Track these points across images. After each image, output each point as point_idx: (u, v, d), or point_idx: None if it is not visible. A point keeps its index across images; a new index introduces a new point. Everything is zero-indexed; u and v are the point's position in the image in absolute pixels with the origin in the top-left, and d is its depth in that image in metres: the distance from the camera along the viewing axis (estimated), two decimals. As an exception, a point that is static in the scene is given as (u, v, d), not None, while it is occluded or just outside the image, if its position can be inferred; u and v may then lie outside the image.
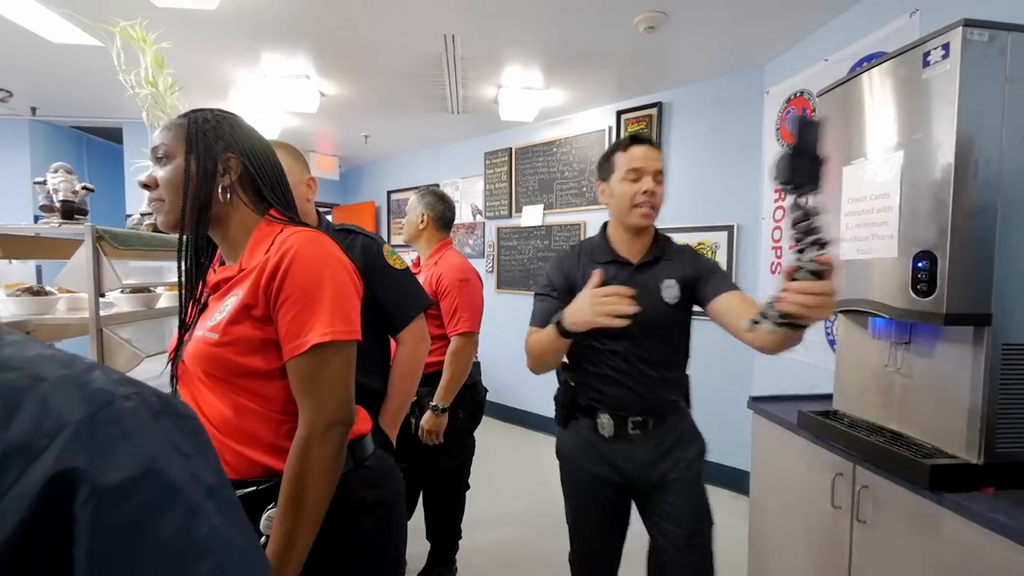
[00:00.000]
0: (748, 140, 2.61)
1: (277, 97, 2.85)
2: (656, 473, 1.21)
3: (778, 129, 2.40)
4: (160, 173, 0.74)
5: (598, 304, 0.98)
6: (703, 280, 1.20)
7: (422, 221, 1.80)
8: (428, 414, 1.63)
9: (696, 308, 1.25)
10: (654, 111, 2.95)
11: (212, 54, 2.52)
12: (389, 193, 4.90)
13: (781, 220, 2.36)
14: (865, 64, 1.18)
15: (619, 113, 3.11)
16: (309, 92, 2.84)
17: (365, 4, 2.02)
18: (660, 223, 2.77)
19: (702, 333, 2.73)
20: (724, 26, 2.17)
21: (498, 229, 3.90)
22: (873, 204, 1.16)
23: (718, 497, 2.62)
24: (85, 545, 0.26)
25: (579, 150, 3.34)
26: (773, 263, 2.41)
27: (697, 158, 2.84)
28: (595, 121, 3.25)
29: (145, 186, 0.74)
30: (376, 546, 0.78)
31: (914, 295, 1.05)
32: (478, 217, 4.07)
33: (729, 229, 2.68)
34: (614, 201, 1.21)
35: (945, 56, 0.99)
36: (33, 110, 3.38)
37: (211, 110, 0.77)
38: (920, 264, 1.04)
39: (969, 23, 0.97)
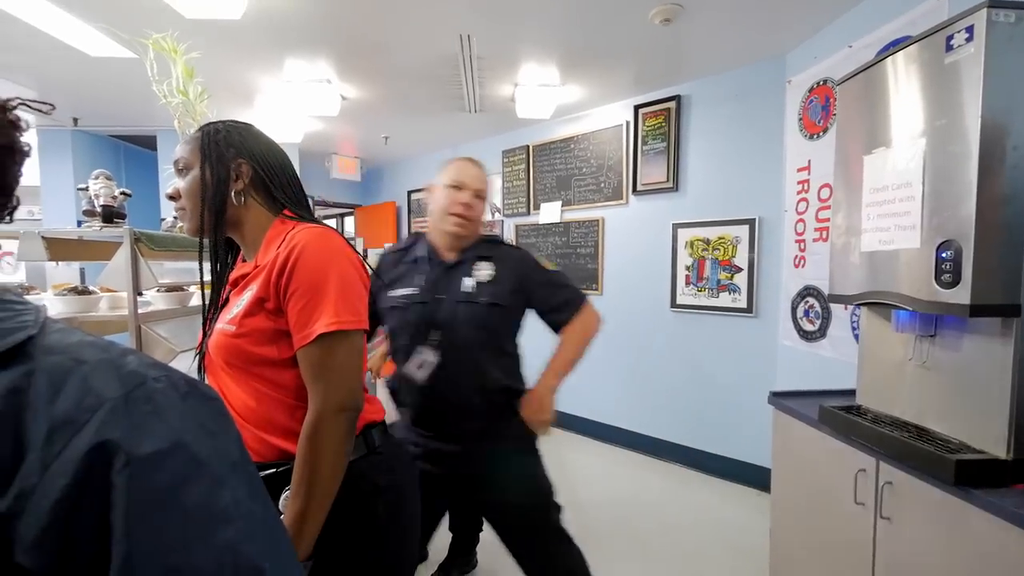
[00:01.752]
0: (770, 131, 2.55)
1: (300, 102, 2.94)
2: None
3: (800, 120, 2.34)
4: (181, 184, 0.80)
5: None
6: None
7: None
8: None
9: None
10: (672, 104, 2.92)
11: (238, 62, 2.61)
12: (409, 193, 4.98)
13: (804, 212, 2.30)
14: (891, 49, 1.15)
15: (637, 108, 3.08)
16: (331, 96, 2.92)
17: (382, 8, 2.07)
18: (680, 217, 2.76)
19: (725, 329, 2.71)
20: (742, 14, 2.13)
21: (516, 227, 3.92)
22: (895, 194, 1.13)
23: (740, 494, 2.59)
24: (121, 507, 0.29)
25: (597, 146, 3.33)
26: (796, 256, 2.36)
27: (716, 151, 2.79)
28: (613, 116, 3.23)
29: (171, 197, 0.81)
30: (388, 528, 0.81)
31: (938, 286, 1.02)
32: (496, 215, 4.10)
33: (751, 223, 2.63)
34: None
35: (969, 39, 0.96)
36: (75, 120, 3.57)
37: (223, 122, 0.83)
38: (944, 254, 1.01)
39: (994, 3, 0.93)
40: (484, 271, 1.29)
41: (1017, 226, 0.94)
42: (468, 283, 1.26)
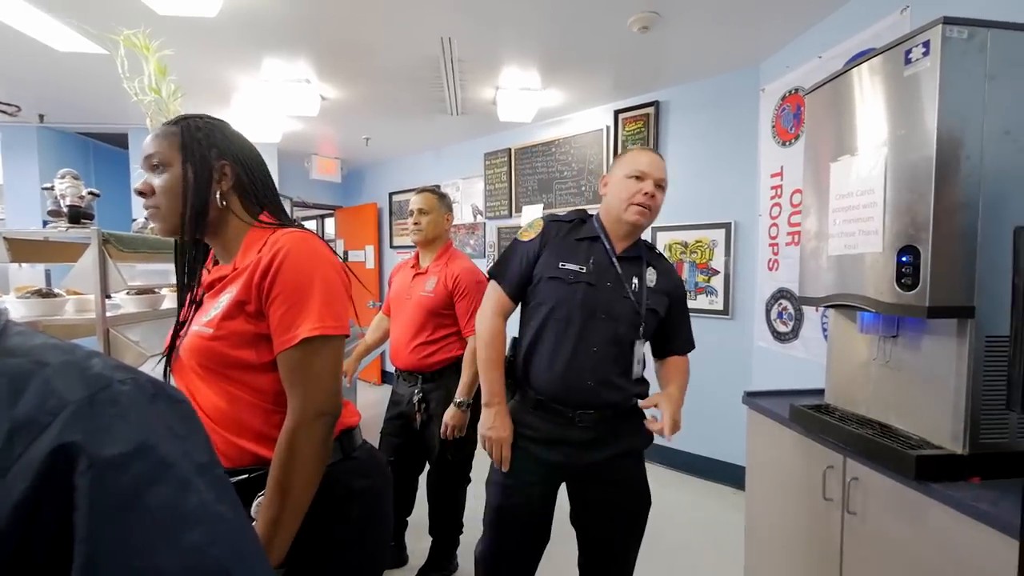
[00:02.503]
0: (744, 137, 2.62)
1: (279, 101, 2.89)
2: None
3: (774, 127, 2.41)
4: (156, 181, 0.77)
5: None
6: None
7: (446, 222, 1.85)
8: (452, 409, 1.68)
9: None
10: (651, 110, 2.97)
11: (214, 60, 2.57)
12: (391, 195, 4.94)
13: (777, 217, 2.37)
14: (856, 61, 1.20)
15: (617, 112, 3.13)
16: (310, 96, 2.88)
17: (363, 8, 2.06)
18: (658, 220, 2.79)
19: (702, 331, 2.76)
20: (718, 25, 2.18)
21: (499, 229, 3.93)
22: (859, 200, 1.18)
23: (717, 492, 2.65)
24: (84, 510, 0.29)
25: (577, 149, 3.37)
26: (770, 259, 2.43)
27: (694, 156, 2.85)
28: (593, 121, 3.28)
29: (141, 193, 0.78)
30: (362, 532, 0.81)
31: (899, 289, 1.07)
32: (479, 217, 4.10)
33: (727, 226, 2.70)
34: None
35: (925, 54, 1.01)
36: (41, 117, 3.45)
37: (200, 117, 0.80)
38: (904, 258, 1.05)
39: (948, 20, 0.98)
40: (651, 276, 1.28)
41: (971, 233, 0.99)
42: (636, 283, 1.25)
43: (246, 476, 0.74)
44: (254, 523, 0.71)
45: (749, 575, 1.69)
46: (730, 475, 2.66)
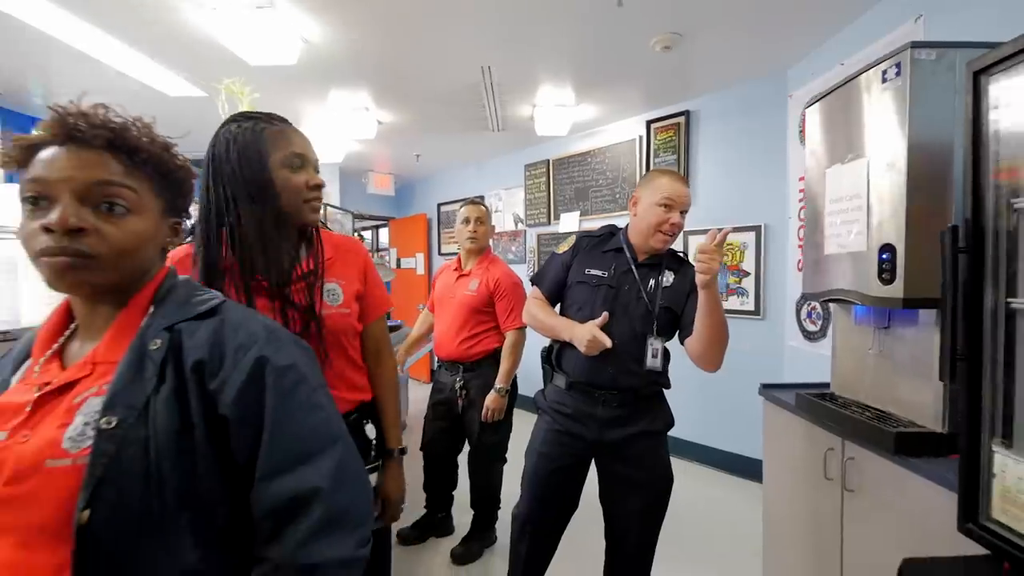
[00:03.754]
0: (773, 143, 2.69)
1: (342, 127, 3.29)
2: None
3: (800, 131, 2.49)
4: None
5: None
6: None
7: (492, 231, 2.15)
8: (493, 395, 1.94)
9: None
10: (682, 119, 3.10)
11: (290, 96, 2.98)
12: (439, 205, 5.30)
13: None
14: (843, 78, 1.31)
15: (648, 123, 3.27)
16: (369, 121, 3.26)
17: (413, 46, 2.37)
18: (690, 225, 2.96)
19: (733, 331, 2.84)
20: (743, 37, 2.30)
21: (538, 236, 4.16)
22: (849, 204, 1.30)
23: (746, 487, 2.71)
24: (271, 393, 0.55)
25: (612, 159, 3.54)
26: (800, 261, 2.49)
27: (724, 161, 2.95)
28: (626, 131, 3.44)
29: (320, 187, 1.10)
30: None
31: (880, 283, 1.19)
32: (520, 225, 4.35)
33: (757, 229, 2.77)
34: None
35: (898, 74, 1.14)
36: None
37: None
38: (884, 256, 1.17)
39: (916, 44, 1.11)
40: (668, 278, 1.43)
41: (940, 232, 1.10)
42: (652, 285, 1.40)
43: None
44: (373, 442, 1.05)
45: (766, 557, 1.79)
46: (760, 471, 2.71)
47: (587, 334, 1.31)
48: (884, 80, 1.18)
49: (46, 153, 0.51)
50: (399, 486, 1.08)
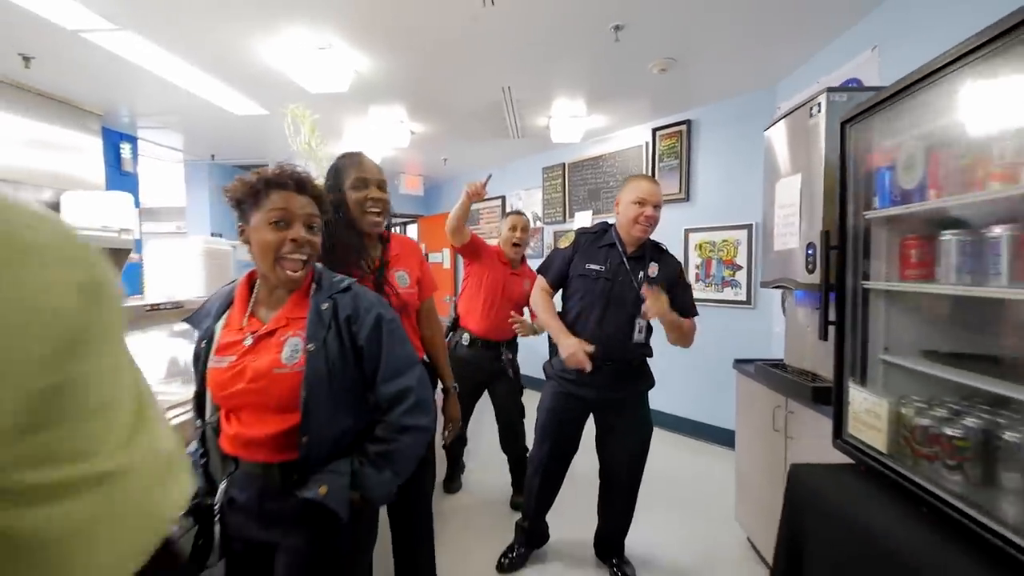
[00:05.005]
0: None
1: (380, 138, 3.74)
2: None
3: (785, 140, 2.78)
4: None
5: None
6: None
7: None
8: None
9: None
10: (684, 127, 3.42)
11: (339, 114, 3.44)
12: (464, 204, 5.72)
13: (788, 219, 2.74)
14: (800, 104, 1.63)
15: (654, 130, 3.60)
16: (403, 132, 3.69)
17: (443, 71, 2.77)
18: (691, 223, 3.30)
19: (727, 319, 3.16)
20: (733, 57, 2.61)
21: (554, 233, 4.53)
22: (789, 210, 1.65)
23: (719, 453, 3.03)
24: (385, 335, 0.97)
25: (621, 162, 3.88)
26: (783, 256, 2.79)
27: (721, 165, 3.26)
28: (634, 137, 3.77)
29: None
30: None
31: (806, 272, 1.53)
32: (538, 223, 4.73)
33: (749, 227, 3.08)
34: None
35: (818, 111, 1.48)
36: (212, 156, 4.63)
37: None
38: (808, 251, 1.52)
39: (831, 90, 1.45)
40: (653, 268, 1.73)
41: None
42: (641, 275, 1.70)
43: None
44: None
45: (738, 500, 2.15)
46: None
47: (572, 349, 1.60)
48: (811, 115, 1.52)
49: (284, 193, 0.91)
50: (457, 410, 1.52)
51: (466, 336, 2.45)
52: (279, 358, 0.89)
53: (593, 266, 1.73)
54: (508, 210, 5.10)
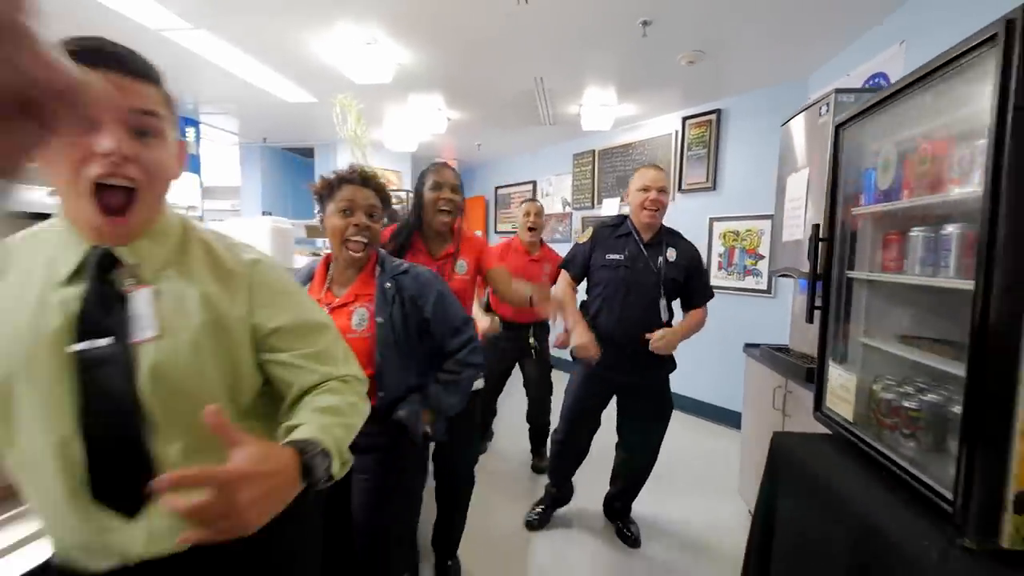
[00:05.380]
0: (792, 141, 3.02)
1: (418, 124, 3.95)
2: None
3: (813, 132, 2.81)
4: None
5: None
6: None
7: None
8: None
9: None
10: (713, 116, 3.45)
11: (380, 101, 3.66)
12: (496, 188, 5.90)
13: (811, 210, 2.78)
14: (829, 95, 1.71)
15: (684, 119, 3.65)
16: (440, 119, 3.88)
17: (479, 62, 2.93)
18: (716, 212, 3.39)
19: (748, 306, 3.24)
20: (763, 49, 2.65)
21: (582, 219, 4.65)
22: (797, 203, 1.75)
23: (734, 436, 3.15)
24: (445, 304, 1.19)
25: (650, 150, 3.95)
26: (805, 247, 2.85)
27: (750, 156, 3.30)
28: (664, 126, 3.83)
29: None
30: None
31: (808, 262, 1.64)
32: (567, 208, 4.86)
33: (771, 218, 3.12)
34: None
35: (827, 111, 1.57)
36: (264, 139, 4.97)
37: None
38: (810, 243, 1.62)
39: (839, 91, 1.54)
40: (671, 253, 1.82)
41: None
42: (660, 261, 1.79)
43: None
44: None
45: (741, 475, 2.29)
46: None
47: (583, 340, 1.75)
48: (820, 114, 1.61)
49: (351, 187, 1.13)
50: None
51: (496, 319, 2.65)
52: (349, 324, 1.11)
53: (612, 256, 1.83)
54: (538, 195, 5.25)
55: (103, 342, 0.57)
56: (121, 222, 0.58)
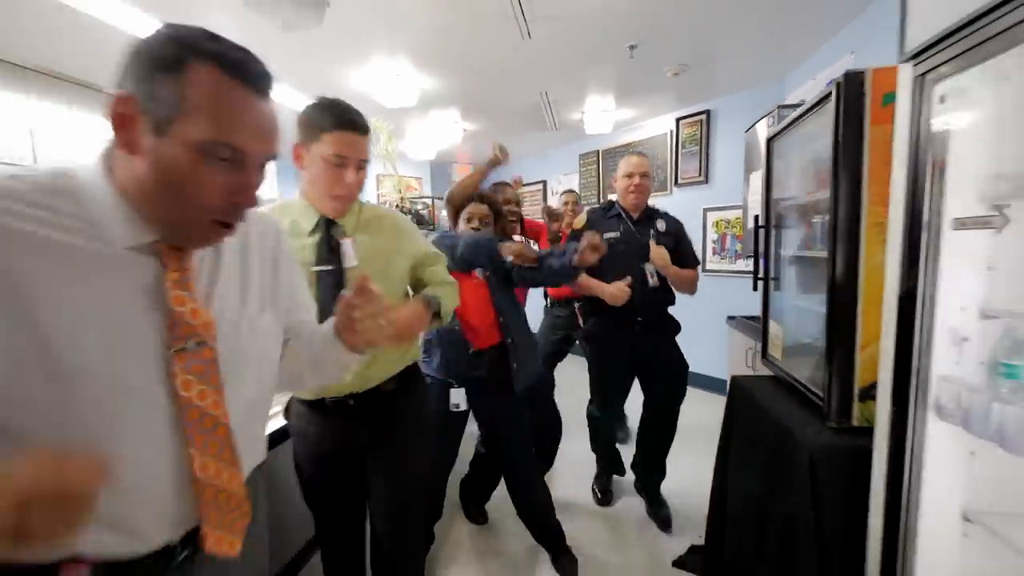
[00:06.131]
0: (772, 137, 3.38)
1: (437, 134, 4.40)
2: None
3: (788, 130, 3.17)
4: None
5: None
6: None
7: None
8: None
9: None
10: (703, 117, 3.83)
11: (405, 119, 4.13)
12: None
13: (788, 199, 3.15)
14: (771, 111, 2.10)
15: (677, 120, 4.02)
16: (456, 130, 4.33)
17: (491, 82, 3.36)
18: (709, 203, 3.76)
19: (738, 288, 3.61)
20: (740, 57, 3.01)
21: (588, 212, 5.05)
22: (756, 198, 2.14)
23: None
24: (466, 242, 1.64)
25: (648, 149, 4.33)
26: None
27: (737, 151, 3.65)
28: (660, 126, 4.21)
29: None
30: None
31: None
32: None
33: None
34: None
35: (773, 122, 1.96)
36: (298, 154, 5.49)
37: None
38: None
39: (781, 107, 1.93)
40: (661, 224, 2.05)
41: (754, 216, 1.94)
42: (652, 232, 2.01)
43: None
44: None
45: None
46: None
47: (614, 290, 1.92)
48: (768, 125, 2.00)
49: (474, 204, 1.68)
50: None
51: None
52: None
53: (609, 234, 2.03)
54: (548, 193, 5.66)
55: (329, 267, 1.11)
56: (339, 211, 1.13)
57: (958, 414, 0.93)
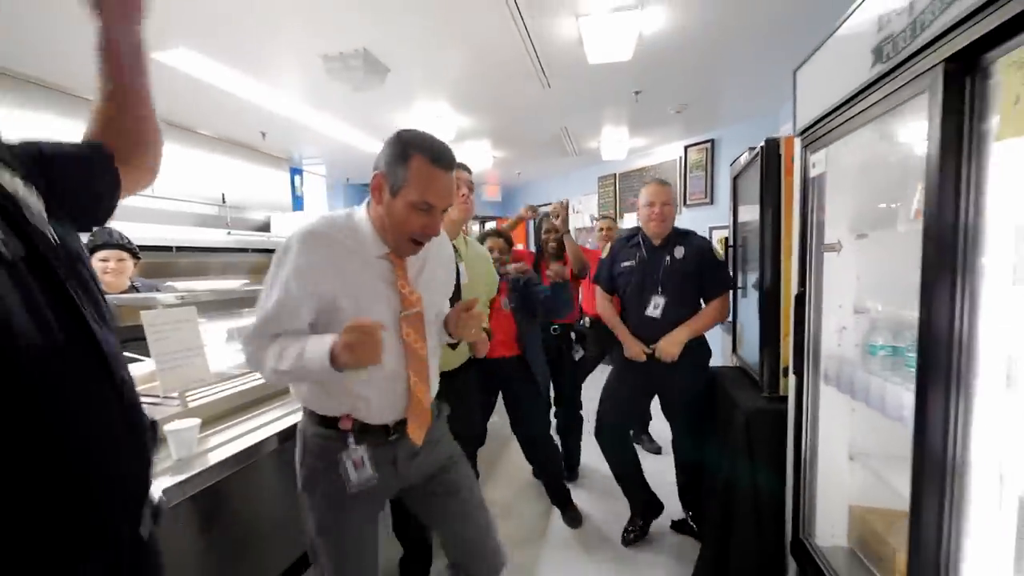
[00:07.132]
0: (769, 163, 3.76)
1: (468, 160, 4.95)
2: None
3: (781, 158, 3.55)
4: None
5: None
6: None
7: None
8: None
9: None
10: (709, 145, 4.24)
11: (440, 147, 4.71)
12: (534, 207, 6.85)
13: (782, 219, 3.52)
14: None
15: (685, 147, 4.45)
16: (487, 156, 4.88)
17: (519, 119, 3.89)
18: (714, 222, 4.23)
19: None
20: (733, 99, 3.45)
21: (608, 230, 5.49)
22: (720, 223, 2.55)
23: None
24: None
25: (661, 172, 4.75)
26: (780, 248, 3.57)
27: (738, 176, 4.05)
28: (670, 153, 4.64)
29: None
30: None
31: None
32: (594, 223, 5.71)
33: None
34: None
35: (747, 159, 2.38)
36: (347, 179, 6.18)
37: None
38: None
39: (752, 149, 2.35)
40: (679, 251, 1.92)
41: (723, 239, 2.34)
42: (668, 259, 1.92)
43: None
44: None
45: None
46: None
47: (635, 351, 1.93)
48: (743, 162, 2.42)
49: (494, 238, 2.16)
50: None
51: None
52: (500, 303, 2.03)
53: (625, 263, 2.04)
54: (569, 212, 6.14)
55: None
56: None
57: (841, 382, 1.34)
